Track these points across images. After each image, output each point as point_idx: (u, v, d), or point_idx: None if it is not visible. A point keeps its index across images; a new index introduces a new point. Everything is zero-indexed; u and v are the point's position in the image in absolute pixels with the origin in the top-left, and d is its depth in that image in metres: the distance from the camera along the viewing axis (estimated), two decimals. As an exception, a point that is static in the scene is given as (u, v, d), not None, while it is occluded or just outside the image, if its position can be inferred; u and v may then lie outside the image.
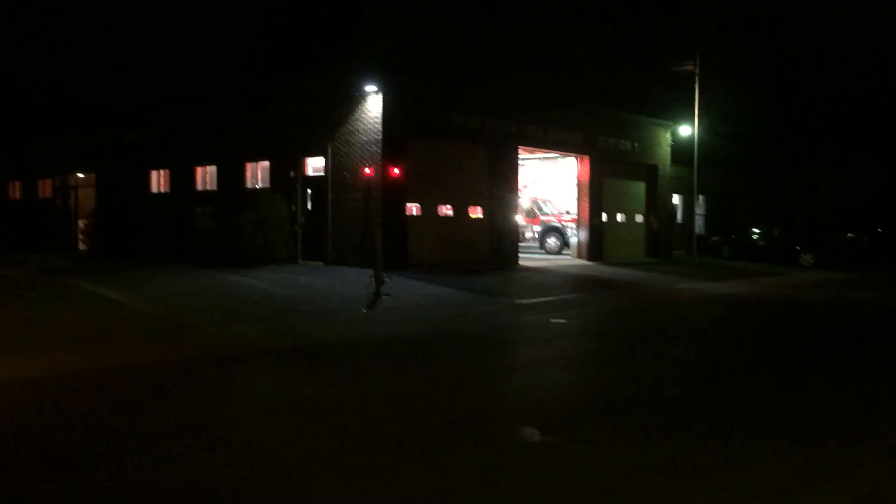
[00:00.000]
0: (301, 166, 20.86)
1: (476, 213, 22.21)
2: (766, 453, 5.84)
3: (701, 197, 34.38)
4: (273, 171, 21.45)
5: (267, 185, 21.51)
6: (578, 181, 26.17)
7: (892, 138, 41.68)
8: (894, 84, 40.46)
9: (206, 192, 23.60)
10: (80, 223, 27.14)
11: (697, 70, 29.17)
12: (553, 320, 13.07)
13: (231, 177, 22.59)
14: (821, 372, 9.27)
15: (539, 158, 28.63)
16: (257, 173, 22.27)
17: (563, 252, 27.27)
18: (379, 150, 18.86)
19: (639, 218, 28.93)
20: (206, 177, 23.87)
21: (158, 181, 25.48)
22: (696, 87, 29.49)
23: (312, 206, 20.61)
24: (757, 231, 30.86)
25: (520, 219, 25.78)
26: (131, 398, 7.34)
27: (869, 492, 4.99)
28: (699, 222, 34.59)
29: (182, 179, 24.20)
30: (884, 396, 7.92)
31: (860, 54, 40.70)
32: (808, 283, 22.15)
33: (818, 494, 4.93)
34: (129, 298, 13.83)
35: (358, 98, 19.30)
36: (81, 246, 26.56)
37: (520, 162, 24.08)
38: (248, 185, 22.35)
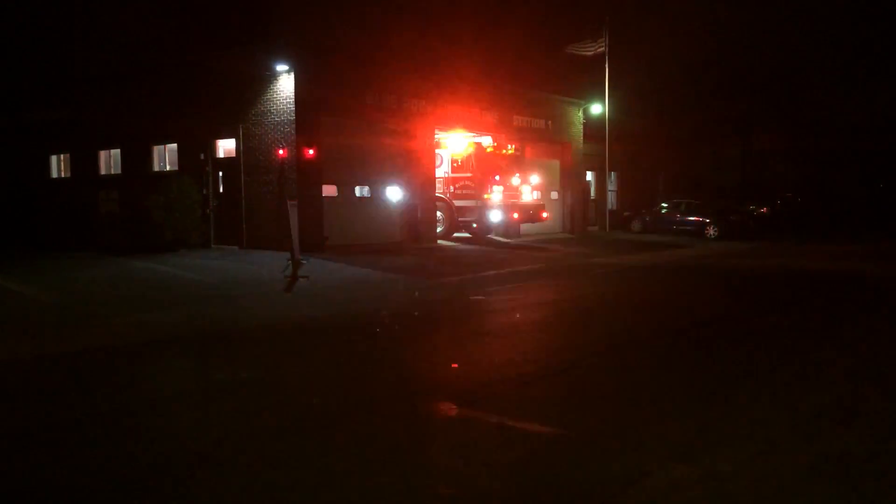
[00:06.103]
0: (211, 148, 20.29)
1: (393, 193, 22.14)
2: (672, 415, 6.09)
3: (613, 173, 35.31)
4: (182, 154, 20.79)
5: (175, 167, 20.84)
6: (494, 160, 26.39)
7: (790, 113, 43.75)
8: (793, 61, 42.40)
9: (110, 177, 22.70)
10: (-25, 212, 25.69)
11: (607, 49, 29.84)
12: (472, 297, 13.21)
13: (137, 160, 21.77)
14: (720, 335, 9.71)
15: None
16: (165, 156, 21.54)
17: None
18: (292, 131, 18.52)
19: (554, 195, 29.49)
20: (109, 160, 22.95)
21: (59, 166, 24.34)
22: (606, 65, 30.19)
23: (224, 188, 20.10)
24: (665, 205, 31.93)
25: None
26: (30, 390, 7.01)
27: (766, 448, 5.28)
28: (612, 198, 35.55)
29: (84, 163, 23.19)
30: (776, 357, 8.37)
31: (760, 30, 42.51)
32: (710, 253, 23.10)
33: (720, 452, 5.19)
34: (29, 288, 13.19)
35: (269, 77, 18.86)
36: (-24, 236, 25.14)
37: (436, 141, 24.11)
38: (156, 168, 21.60)
